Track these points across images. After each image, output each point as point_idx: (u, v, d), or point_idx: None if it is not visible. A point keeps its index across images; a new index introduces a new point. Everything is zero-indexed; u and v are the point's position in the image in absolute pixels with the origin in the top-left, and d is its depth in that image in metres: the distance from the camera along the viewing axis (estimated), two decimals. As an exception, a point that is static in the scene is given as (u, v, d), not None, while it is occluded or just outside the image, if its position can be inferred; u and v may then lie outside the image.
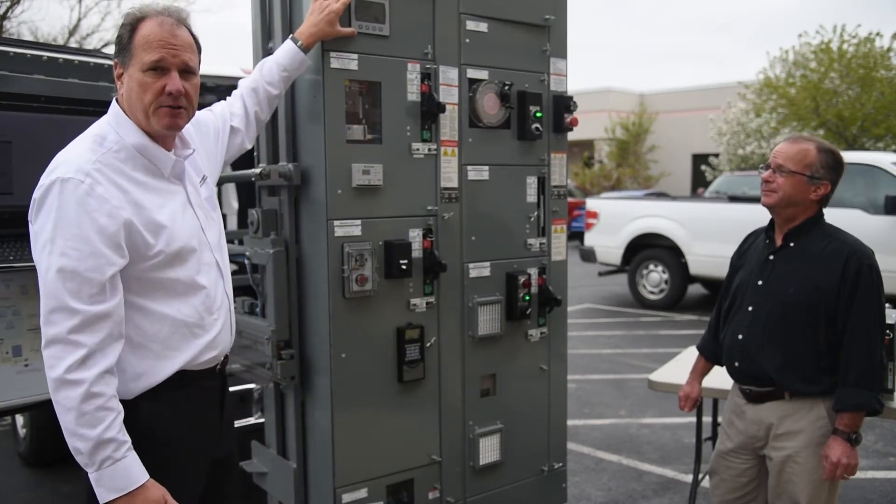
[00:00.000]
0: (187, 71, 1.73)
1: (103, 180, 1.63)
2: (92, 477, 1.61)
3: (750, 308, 2.44)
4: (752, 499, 2.53)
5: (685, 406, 2.77)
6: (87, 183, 1.60)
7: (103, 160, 1.66)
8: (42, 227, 1.60)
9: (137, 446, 1.63)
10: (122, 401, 1.64)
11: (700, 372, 2.78)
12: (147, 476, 1.63)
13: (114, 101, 1.78)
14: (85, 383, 1.55)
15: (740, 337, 2.45)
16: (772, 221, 2.48)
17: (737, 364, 2.46)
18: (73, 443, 1.61)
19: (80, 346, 1.56)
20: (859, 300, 2.25)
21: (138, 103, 1.70)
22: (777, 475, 2.39)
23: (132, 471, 1.61)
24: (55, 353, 1.56)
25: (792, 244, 2.39)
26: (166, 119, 1.72)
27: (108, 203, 1.61)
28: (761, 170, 2.42)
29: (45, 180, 1.62)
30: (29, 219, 1.65)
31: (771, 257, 2.43)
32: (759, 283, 2.43)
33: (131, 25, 1.69)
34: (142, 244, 1.66)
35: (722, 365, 2.63)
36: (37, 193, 1.62)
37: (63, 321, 1.56)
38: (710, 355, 2.73)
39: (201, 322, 1.80)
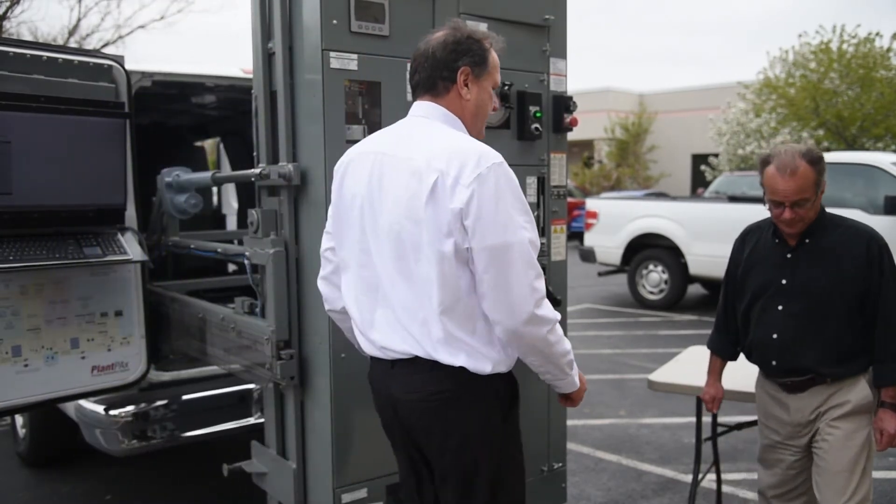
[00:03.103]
0: None
1: None
2: (566, 384, 1.92)
3: (780, 307, 2.48)
4: (802, 492, 2.58)
5: (714, 407, 2.83)
6: (507, 165, 1.76)
7: None
8: (497, 208, 1.69)
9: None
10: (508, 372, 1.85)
11: (718, 371, 2.82)
12: None
13: (435, 104, 1.88)
14: (557, 316, 1.79)
15: (775, 336, 2.48)
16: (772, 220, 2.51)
17: (774, 363, 2.50)
18: (562, 362, 1.84)
19: (545, 296, 1.77)
20: (886, 280, 2.36)
21: (484, 108, 1.93)
22: (822, 444, 2.45)
23: None
24: (545, 307, 1.75)
25: (807, 240, 2.45)
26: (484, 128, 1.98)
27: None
28: (772, 207, 2.40)
29: (479, 169, 1.69)
30: (460, 208, 1.68)
31: (789, 256, 2.47)
32: (784, 282, 2.47)
33: (488, 47, 1.90)
34: None
35: (733, 360, 2.73)
36: (471, 181, 1.68)
37: (541, 282, 1.75)
38: (725, 353, 2.78)
39: None
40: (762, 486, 2.67)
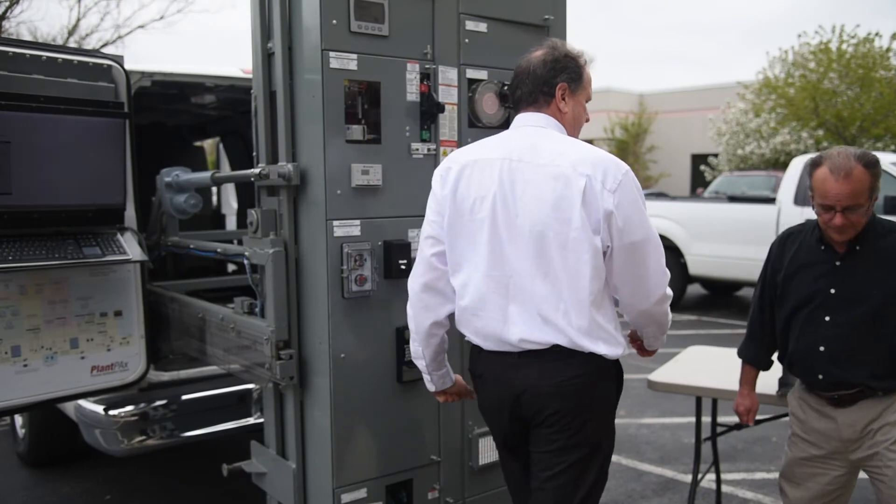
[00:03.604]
0: None
1: None
2: (660, 342, 2.18)
3: (827, 318, 2.35)
4: None
5: (750, 420, 2.71)
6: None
7: None
8: (636, 209, 1.91)
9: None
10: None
11: (752, 382, 2.71)
12: None
13: (544, 115, 2.05)
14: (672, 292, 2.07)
15: (822, 349, 2.36)
16: (817, 223, 2.41)
17: (821, 376, 2.38)
18: (667, 327, 2.12)
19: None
20: None
21: (580, 120, 2.12)
22: (886, 471, 2.32)
23: None
24: (669, 288, 2.02)
25: (858, 247, 2.33)
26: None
27: None
28: (821, 212, 2.30)
29: (619, 176, 1.89)
30: (611, 210, 1.87)
31: (838, 263, 2.35)
32: (832, 291, 2.35)
33: (583, 64, 2.08)
34: None
35: (766, 370, 2.64)
36: (616, 187, 1.88)
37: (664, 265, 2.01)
38: (760, 363, 2.68)
39: None
40: (791, 502, 2.54)
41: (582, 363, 1.94)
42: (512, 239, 1.94)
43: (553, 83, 2.04)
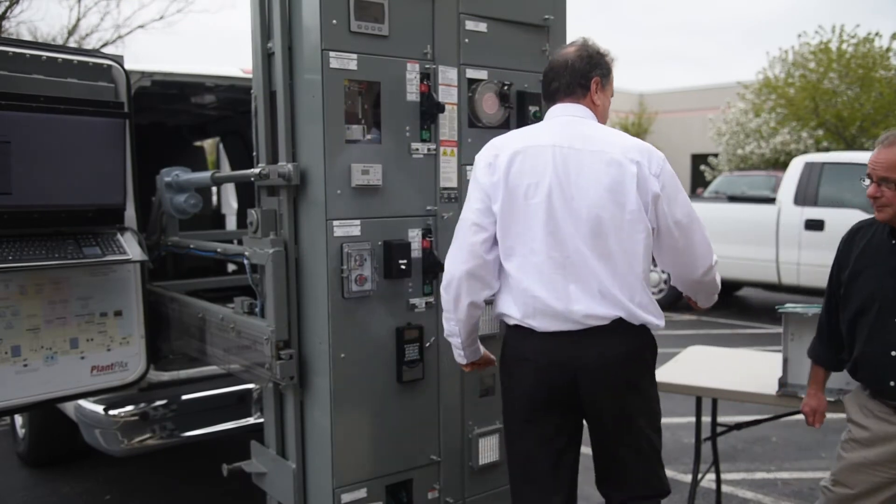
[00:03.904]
0: None
1: None
2: (711, 301, 2.33)
3: None
4: None
5: (816, 422, 2.60)
6: None
7: None
8: (677, 190, 2.09)
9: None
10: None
11: (821, 382, 2.61)
12: None
13: (582, 106, 2.17)
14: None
15: (895, 354, 2.23)
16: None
17: (893, 384, 2.25)
18: (717, 291, 2.28)
19: None
20: None
21: (607, 113, 2.26)
22: None
23: None
24: (714, 255, 2.19)
25: None
26: None
27: None
28: (863, 182, 2.24)
29: (659, 161, 2.05)
30: (657, 192, 2.03)
31: None
32: None
33: (610, 62, 2.24)
34: None
35: (837, 370, 2.55)
36: (659, 171, 2.05)
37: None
38: (831, 364, 2.57)
39: None
40: (836, 497, 2.43)
41: (638, 336, 2.11)
42: (569, 222, 2.04)
43: (589, 76, 2.17)
